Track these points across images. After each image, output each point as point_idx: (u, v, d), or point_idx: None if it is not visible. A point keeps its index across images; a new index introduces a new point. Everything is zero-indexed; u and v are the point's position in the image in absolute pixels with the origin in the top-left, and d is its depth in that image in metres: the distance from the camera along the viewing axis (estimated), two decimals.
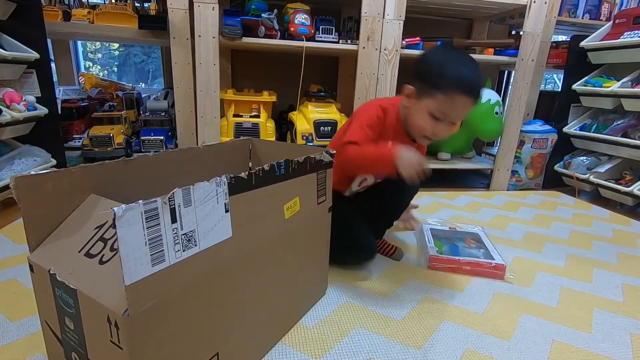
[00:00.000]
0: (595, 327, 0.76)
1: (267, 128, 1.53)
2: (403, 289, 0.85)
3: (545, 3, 1.52)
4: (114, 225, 0.34)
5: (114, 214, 0.34)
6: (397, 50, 1.48)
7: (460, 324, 0.74)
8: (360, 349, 0.65)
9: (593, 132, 1.64)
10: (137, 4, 1.62)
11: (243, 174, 0.49)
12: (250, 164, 0.86)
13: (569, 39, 1.82)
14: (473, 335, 0.71)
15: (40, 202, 0.48)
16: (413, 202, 1.04)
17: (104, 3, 1.64)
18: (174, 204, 0.40)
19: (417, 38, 1.53)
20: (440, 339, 0.69)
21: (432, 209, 1.40)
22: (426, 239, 1.03)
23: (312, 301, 0.77)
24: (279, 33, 1.44)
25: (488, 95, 1.62)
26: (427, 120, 0.78)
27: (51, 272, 0.44)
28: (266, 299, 0.60)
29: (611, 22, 1.64)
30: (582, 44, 1.67)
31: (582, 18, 1.86)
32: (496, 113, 1.61)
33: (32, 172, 0.46)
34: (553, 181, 1.81)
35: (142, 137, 1.58)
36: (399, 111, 0.85)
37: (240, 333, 0.55)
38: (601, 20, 1.87)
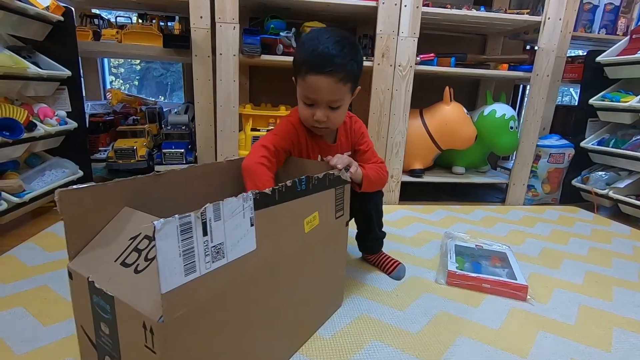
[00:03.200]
0: (615, 346, 0.75)
1: None
2: (419, 302, 0.86)
3: (560, 19, 1.53)
4: (153, 237, 0.37)
5: (154, 227, 0.37)
6: (411, 67, 1.51)
7: (476, 339, 0.74)
8: None
9: (612, 147, 1.62)
10: (161, 24, 1.70)
11: (267, 190, 0.52)
12: None
13: (585, 54, 1.81)
14: (489, 351, 0.71)
15: (80, 214, 0.52)
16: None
17: (131, 23, 1.73)
18: (206, 218, 0.43)
19: (432, 54, 1.56)
20: (456, 353, 0.70)
21: (446, 223, 1.41)
22: (448, 254, 1.04)
23: (328, 313, 0.79)
24: None
25: (503, 109, 1.63)
26: (303, 109, 0.79)
27: (90, 279, 0.48)
28: (286, 310, 0.62)
29: (628, 37, 1.64)
30: (599, 59, 1.66)
31: (598, 33, 1.85)
32: (511, 127, 1.62)
33: (74, 187, 0.50)
34: (571, 196, 1.78)
35: (163, 150, 1.64)
36: None
37: (261, 342, 0.57)
38: (618, 35, 1.86)
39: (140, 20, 1.69)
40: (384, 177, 0.87)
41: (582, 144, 1.74)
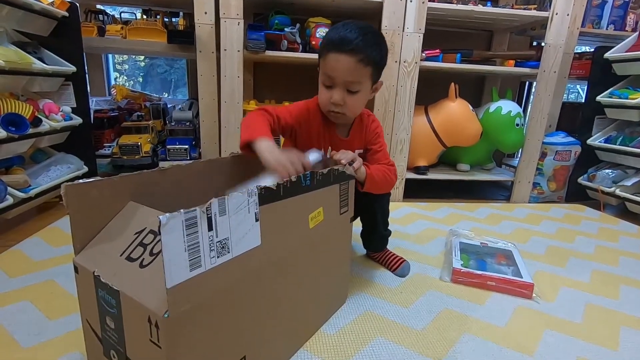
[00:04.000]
0: (623, 345, 0.74)
1: None
2: (423, 299, 0.86)
3: (568, 15, 1.51)
4: (159, 232, 0.37)
5: (160, 221, 0.37)
6: (416, 63, 1.49)
7: (481, 337, 0.74)
8: (380, 359, 0.66)
9: (619, 145, 1.60)
10: (166, 20, 1.70)
11: (272, 185, 0.51)
12: None
13: (592, 50, 1.79)
14: (494, 349, 0.71)
15: (86, 208, 0.52)
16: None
17: (136, 19, 1.73)
18: (211, 213, 0.42)
19: (437, 50, 1.55)
20: (461, 351, 0.69)
21: (451, 221, 1.40)
22: (453, 252, 1.03)
23: (333, 309, 0.78)
24: (300, 46, 1.48)
25: (509, 106, 1.62)
26: (322, 92, 0.80)
27: (95, 273, 0.48)
28: (290, 306, 0.62)
29: (637, 33, 1.61)
30: (607, 55, 1.64)
31: (607, 29, 1.83)
32: (517, 124, 1.60)
33: (80, 181, 0.50)
34: (577, 194, 1.77)
35: (167, 146, 1.64)
36: None
37: (265, 337, 0.57)
38: (626, 31, 1.83)
39: (144, 16, 1.69)
40: (390, 179, 0.85)
41: (589, 141, 1.72)
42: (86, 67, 1.59)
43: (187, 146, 1.64)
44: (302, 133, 0.85)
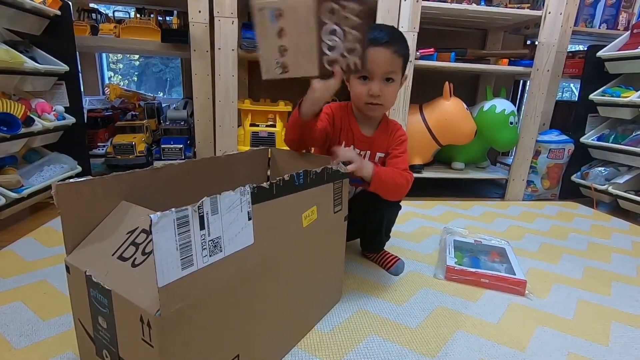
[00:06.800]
0: (613, 341, 0.75)
1: (283, 137, 1.56)
2: (417, 297, 0.86)
3: (561, 14, 1.52)
4: (150, 231, 0.37)
5: (150, 220, 0.37)
6: (410, 62, 1.50)
7: (474, 333, 0.74)
8: (375, 356, 0.67)
9: (611, 143, 1.61)
10: (160, 18, 1.69)
11: (265, 184, 0.51)
12: (269, 172, 0.89)
13: (585, 49, 1.81)
14: (487, 345, 0.71)
15: (77, 208, 0.52)
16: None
17: (129, 18, 1.72)
18: (203, 212, 0.42)
19: (431, 49, 1.55)
20: (454, 348, 0.70)
21: (446, 219, 1.41)
22: (447, 249, 1.04)
23: (327, 307, 0.79)
24: None
25: (503, 105, 1.63)
26: (358, 86, 0.84)
27: (87, 273, 0.47)
28: (284, 304, 0.62)
29: (629, 31, 1.63)
30: (599, 54, 1.65)
31: (599, 28, 1.84)
32: (511, 123, 1.61)
33: (71, 180, 0.50)
34: (570, 192, 1.78)
35: (162, 146, 1.64)
36: (351, 106, 0.92)
37: (259, 336, 0.57)
38: (619, 30, 1.85)
39: (138, 15, 1.68)
40: (400, 184, 0.83)
41: (582, 139, 1.73)
42: (79, 66, 1.58)
43: (181, 145, 1.64)
44: (329, 130, 0.89)
